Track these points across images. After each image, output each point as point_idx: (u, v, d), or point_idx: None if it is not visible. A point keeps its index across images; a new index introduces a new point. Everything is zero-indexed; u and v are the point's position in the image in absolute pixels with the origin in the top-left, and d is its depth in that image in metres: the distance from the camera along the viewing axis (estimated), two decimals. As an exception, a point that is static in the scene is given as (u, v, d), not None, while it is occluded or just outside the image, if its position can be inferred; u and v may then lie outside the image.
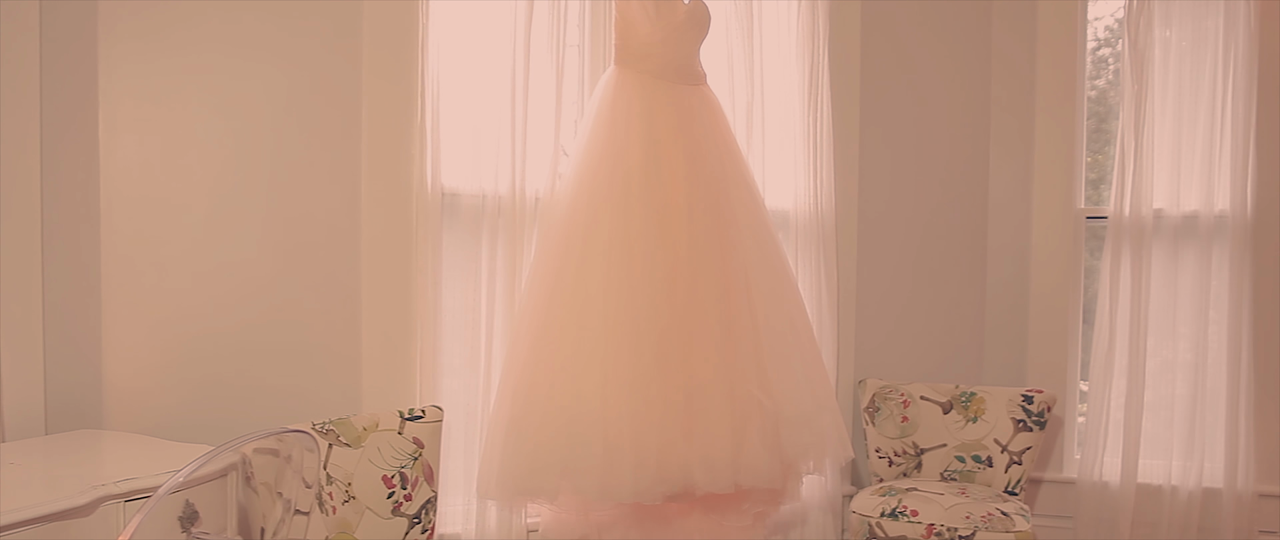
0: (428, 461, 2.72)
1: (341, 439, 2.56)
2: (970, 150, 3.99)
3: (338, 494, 2.54)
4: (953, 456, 3.57)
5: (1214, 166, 3.63)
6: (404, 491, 2.66)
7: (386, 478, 2.63)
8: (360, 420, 2.63)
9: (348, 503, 2.56)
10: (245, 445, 2.17)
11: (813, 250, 3.59)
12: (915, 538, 3.11)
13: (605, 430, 2.74)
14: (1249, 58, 3.56)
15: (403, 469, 2.66)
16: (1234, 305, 3.58)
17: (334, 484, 2.53)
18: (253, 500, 2.39)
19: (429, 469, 2.72)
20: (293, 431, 1.74)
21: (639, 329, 2.80)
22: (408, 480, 2.67)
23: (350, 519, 2.56)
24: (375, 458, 2.62)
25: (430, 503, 2.72)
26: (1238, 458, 3.58)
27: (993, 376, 3.96)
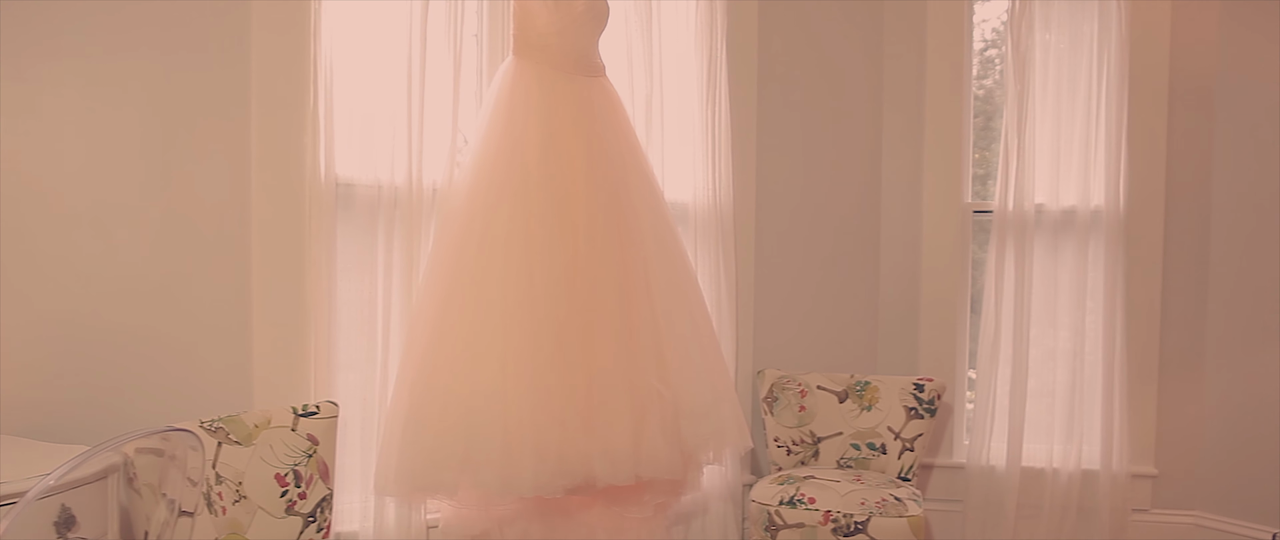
0: (323, 458, 2.65)
1: (232, 437, 2.48)
2: (863, 146, 4.09)
3: (228, 494, 2.45)
4: (848, 444, 3.66)
5: (1090, 164, 3.80)
6: (298, 489, 2.59)
7: (280, 476, 2.55)
8: (251, 417, 2.55)
9: (239, 502, 2.47)
10: (126, 445, 2.08)
11: (712, 243, 3.63)
12: (813, 525, 3.17)
13: (505, 423, 2.71)
14: (1120, 61, 3.75)
15: (297, 466, 2.59)
16: (1109, 295, 3.76)
17: (223, 483, 2.45)
18: (135, 502, 2.28)
19: (324, 466, 2.66)
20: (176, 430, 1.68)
21: (538, 321, 2.78)
22: (302, 478, 2.60)
23: (241, 519, 2.48)
24: (267, 455, 2.54)
25: (326, 500, 2.65)
26: (1113, 441, 3.76)
27: (886, 366, 4.07)
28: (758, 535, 3.26)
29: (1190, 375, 3.89)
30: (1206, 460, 3.88)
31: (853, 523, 3.14)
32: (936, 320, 4.02)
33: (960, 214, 4.01)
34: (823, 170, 4.03)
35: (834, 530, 3.15)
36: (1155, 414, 3.89)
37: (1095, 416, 3.82)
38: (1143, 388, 3.88)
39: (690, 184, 3.62)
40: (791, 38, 3.95)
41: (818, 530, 3.17)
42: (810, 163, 4.00)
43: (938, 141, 4.02)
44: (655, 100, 3.47)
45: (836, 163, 4.05)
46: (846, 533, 3.14)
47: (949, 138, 4.01)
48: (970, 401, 4.00)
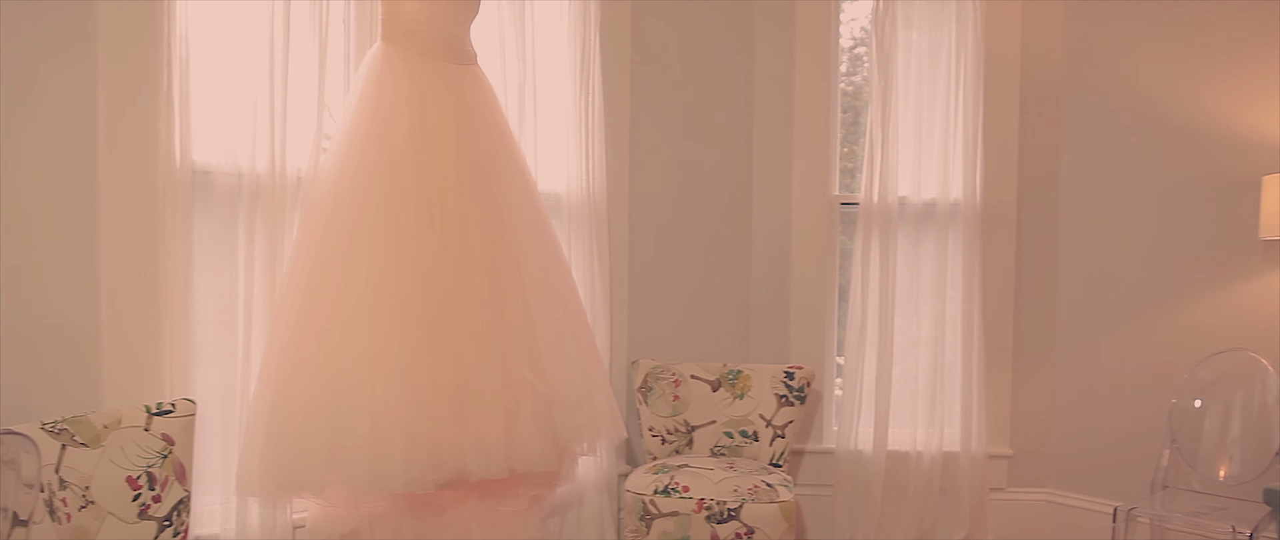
0: (179, 459, 2.53)
1: (77, 439, 2.34)
2: (736, 140, 4.16)
3: (73, 499, 2.32)
4: (722, 432, 3.72)
5: (949, 159, 3.96)
6: (152, 492, 2.46)
7: (132, 479, 2.42)
8: (100, 417, 2.41)
9: (86, 508, 2.34)
10: (-45, 450, 1.94)
11: (585, 233, 3.63)
12: (687, 513, 3.21)
13: (373, 418, 2.65)
14: (976, 61, 3.92)
15: (150, 468, 2.47)
16: (967, 285, 3.93)
17: (68, 489, 2.31)
18: (-34, 510, 2.14)
19: (181, 467, 2.54)
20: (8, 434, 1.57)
21: (407, 313, 2.73)
22: (156, 480, 2.47)
23: (88, 526, 2.34)
24: (118, 457, 2.40)
25: (183, 503, 2.54)
26: (972, 424, 3.94)
27: (758, 354, 4.16)
28: (633, 525, 3.28)
29: (1041, 360, 4.11)
30: (1057, 440, 4.10)
31: (726, 510, 3.19)
32: (806, 309, 4.12)
33: (828, 206, 4.12)
34: (696, 162, 4.08)
35: (708, 518, 3.20)
36: (1010, 397, 4.09)
37: (955, 401, 3.99)
38: (999, 373, 4.07)
39: (563, 174, 3.61)
40: (665, 30, 3.98)
41: (692, 518, 3.21)
42: (684, 155, 4.04)
43: (807, 136, 4.12)
44: (528, 89, 3.44)
45: (709, 155, 4.10)
46: (720, 520, 3.19)
47: (817, 132, 4.11)
48: (839, 388, 4.12)
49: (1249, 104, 3.54)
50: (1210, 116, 3.64)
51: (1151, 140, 3.80)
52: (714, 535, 3.20)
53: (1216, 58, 3.63)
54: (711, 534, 3.20)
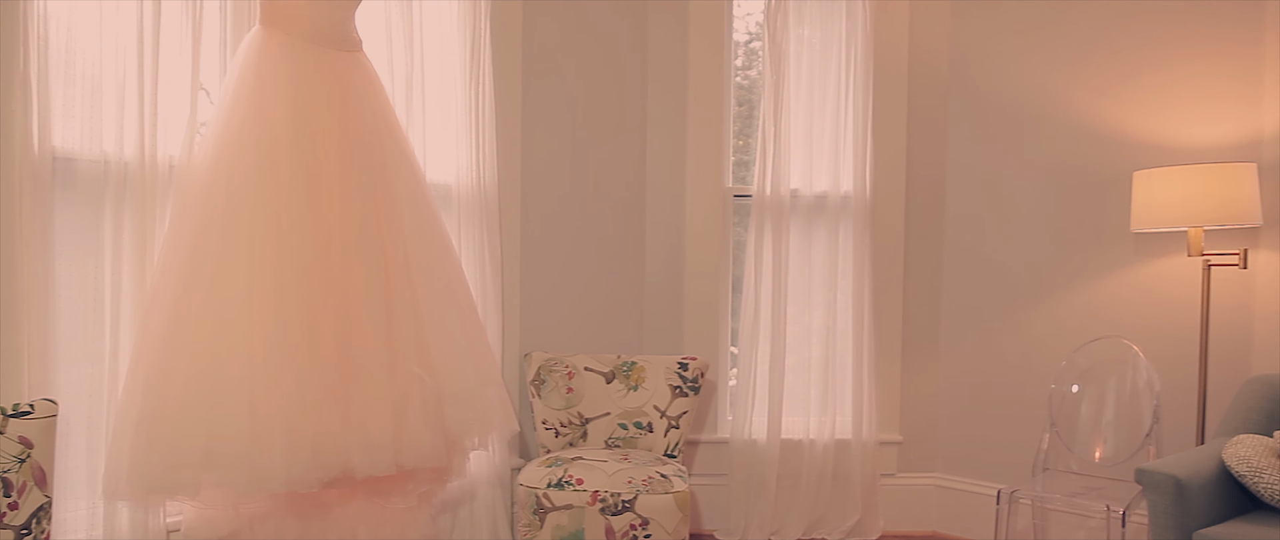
0: (38, 463, 2.38)
1: (-78, 443, 2.18)
2: (629, 131, 4.14)
3: (-83, 508, 2.16)
4: (616, 424, 3.70)
5: (840, 152, 4.02)
6: (8, 499, 2.32)
7: (-15, 484, 2.27)
8: (-53, 420, 2.25)
9: (-68, 517, 2.19)
10: None
11: (476, 225, 3.57)
12: (581, 506, 3.18)
13: (253, 416, 2.54)
14: (866, 58, 3.99)
15: (5, 474, 2.32)
16: (857, 276, 4.00)
17: (-88, 496, 2.15)
18: None
19: (40, 471, 2.39)
20: None
21: (288, 307, 2.62)
22: (13, 486, 2.33)
23: (-65, 536, 2.19)
24: (-32, 462, 2.25)
25: (43, 510, 2.39)
26: (863, 412, 4.01)
27: (652, 346, 4.15)
28: (526, 520, 3.24)
29: (929, 349, 4.21)
30: (944, 427, 4.21)
31: (620, 501, 3.18)
32: (700, 301, 4.13)
33: (722, 198, 4.14)
34: (589, 154, 4.05)
35: (602, 510, 3.18)
36: (899, 385, 4.18)
37: (847, 389, 4.05)
38: (889, 361, 4.16)
39: (453, 165, 3.54)
40: (557, 20, 3.93)
41: (586, 511, 3.18)
42: (577, 146, 4.01)
43: (701, 128, 4.12)
44: (416, 78, 3.36)
45: (603, 147, 4.08)
46: (614, 512, 3.18)
47: (711, 125, 4.12)
48: (733, 378, 4.14)
49: (1120, 103, 3.68)
50: (1086, 115, 3.78)
51: (1032, 136, 3.93)
52: (608, 527, 3.18)
53: (1092, 59, 3.76)
54: (606, 526, 3.18)
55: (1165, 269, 3.56)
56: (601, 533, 3.18)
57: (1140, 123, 3.63)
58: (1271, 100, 3.33)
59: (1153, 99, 3.60)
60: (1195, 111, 3.50)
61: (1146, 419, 3.45)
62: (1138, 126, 3.64)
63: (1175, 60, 3.55)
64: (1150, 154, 3.61)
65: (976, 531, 4.08)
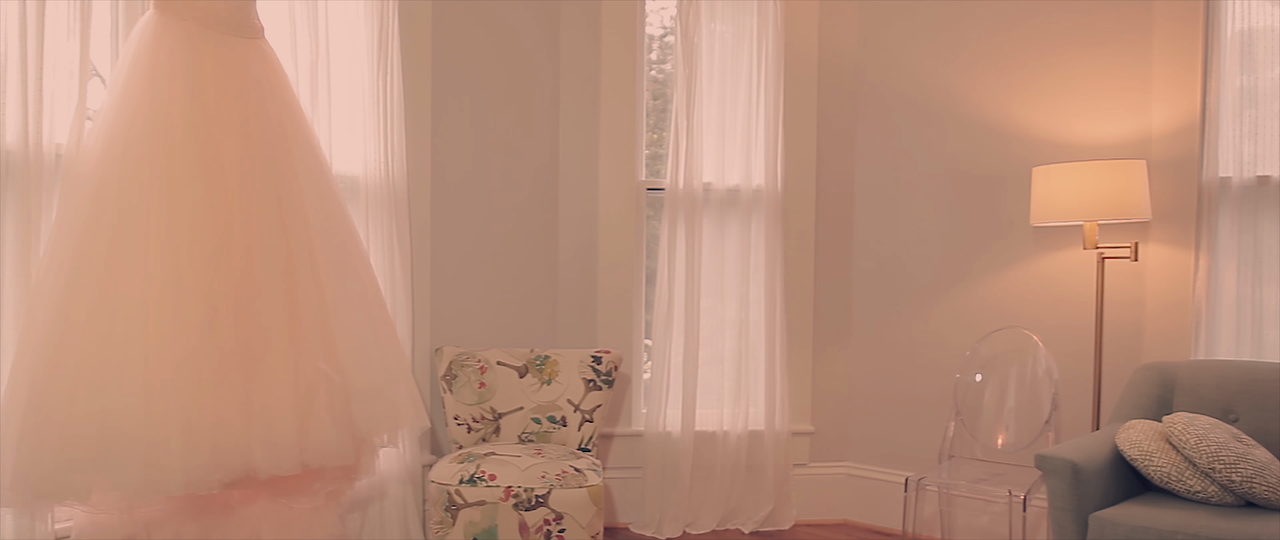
0: (-88, 468, 2.25)
1: None
2: (541, 125, 4.11)
3: None
4: (529, 419, 3.67)
5: (751, 147, 4.05)
6: (-121, 507, 2.19)
7: None
8: None
9: None
10: None
11: (385, 217, 3.50)
12: (494, 501, 3.15)
13: (148, 416, 2.44)
14: (777, 53, 4.03)
15: (-124, 479, 2.18)
16: (769, 269, 4.04)
17: None
18: None
19: (-86, 477, 2.26)
20: None
21: (185, 303, 2.53)
22: (-116, 492, 2.20)
23: None
24: None
25: (-83, 517, 2.26)
26: (776, 403, 4.05)
27: (566, 339, 4.13)
28: (438, 517, 3.19)
29: (839, 341, 4.28)
30: (854, 417, 4.28)
31: (534, 496, 3.15)
32: (614, 294, 4.12)
33: (635, 192, 4.14)
34: (501, 146, 4.00)
35: (515, 505, 3.15)
36: (811, 377, 4.24)
37: (760, 381, 4.09)
38: (800, 353, 4.21)
39: (361, 157, 3.46)
40: (468, 10, 3.87)
41: (499, 507, 3.15)
42: (488, 138, 3.96)
43: (614, 121, 4.11)
44: (321, 67, 3.28)
45: (514, 139, 4.03)
46: (527, 507, 3.15)
47: (624, 118, 4.11)
48: (647, 371, 4.15)
49: (1020, 102, 3.79)
50: (987, 113, 3.88)
51: (937, 134, 4.02)
52: (522, 523, 3.15)
53: (993, 59, 3.87)
54: (519, 522, 3.15)
55: (1063, 261, 3.68)
56: (515, 528, 3.15)
57: (1038, 121, 3.75)
58: (1159, 101, 3.47)
59: (1050, 98, 3.72)
60: (1090, 110, 3.62)
61: (1046, 406, 3.56)
62: (1036, 124, 3.75)
63: (1071, 61, 3.67)
64: (1048, 151, 3.72)
65: (886, 519, 4.16)
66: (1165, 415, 3.03)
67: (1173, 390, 3.17)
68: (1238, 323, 3.31)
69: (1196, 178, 3.40)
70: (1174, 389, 3.17)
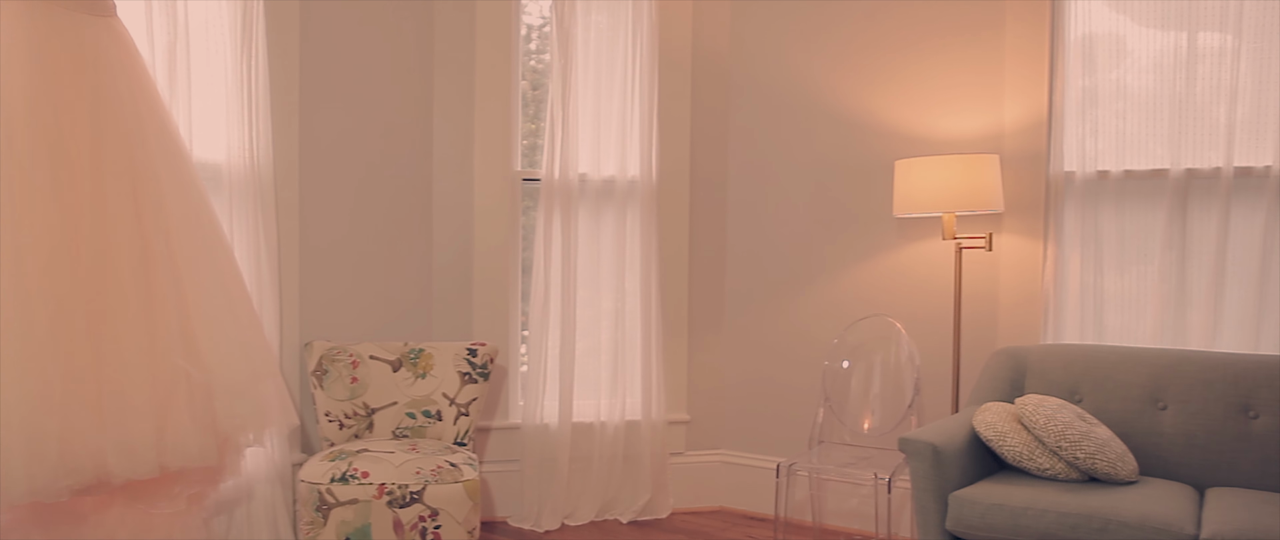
0: None
1: None
2: (414, 113, 4.03)
3: None
4: (404, 413, 3.61)
5: (627, 137, 4.08)
6: None
7: None
8: None
9: None
10: None
11: (250, 207, 3.37)
12: (367, 499, 3.08)
13: (-12, 420, 2.29)
14: (651, 47, 4.06)
15: None
16: (645, 260, 4.07)
17: None
18: None
19: None
20: None
21: (29, 300, 2.38)
22: None
23: None
24: None
25: None
26: (652, 393, 4.09)
27: (442, 332, 4.07)
28: (308, 517, 3.10)
29: (714, 330, 4.35)
30: (729, 405, 4.37)
31: (408, 493, 3.10)
32: (490, 286, 4.09)
33: (511, 182, 4.11)
34: (373, 133, 3.91)
35: (389, 503, 3.09)
36: (687, 366, 4.30)
37: (637, 372, 4.13)
38: (676, 343, 4.27)
39: (223, 143, 3.32)
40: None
41: (372, 505, 3.08)
42: (359, 125, 3.86)
43: (489, 111, 4.07)
44: (180, 48, 3.13)
45: (387, 126, 3.95)
46: (402, 504, 3.10)
47: (499, 107, 4.07)
48: (524, 363, 4.13)
49: (883, 97, 3.94)
50: (853, 108, 4.01)
51: (806, 127, 4.13)
52: (396, 520, 3.10)
53: (858, 56, 4.00)
54: (393, 520, 3.10)
55: (924, 252, 3.84)
56: (389, 526, 3.09)
57: (901, 116, 3.90)
58: (1011, 99, 3.65)
59: (912, 94, 3.87)
60: (948, 106, 3.79)
61: (909, 391, 3.71)
62: (899, 119, 3.90)
63: (931, 59, 3.83)
64: (910, 145, 3.88)
65: (760, 504, 4.26)
66: (1018, 397, 3.20)
67: (1024, 374, 3.35)
68: (1082, 308, 3.52)
69: (1044, 172, 3.59)
70: (1026, 372, 3.35)
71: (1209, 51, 3.31)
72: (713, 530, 3.99)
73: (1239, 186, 3.28)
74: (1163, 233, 3.37)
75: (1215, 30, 3.30)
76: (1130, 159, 3.47)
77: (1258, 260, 3.22)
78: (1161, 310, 3.38)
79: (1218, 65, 3.30)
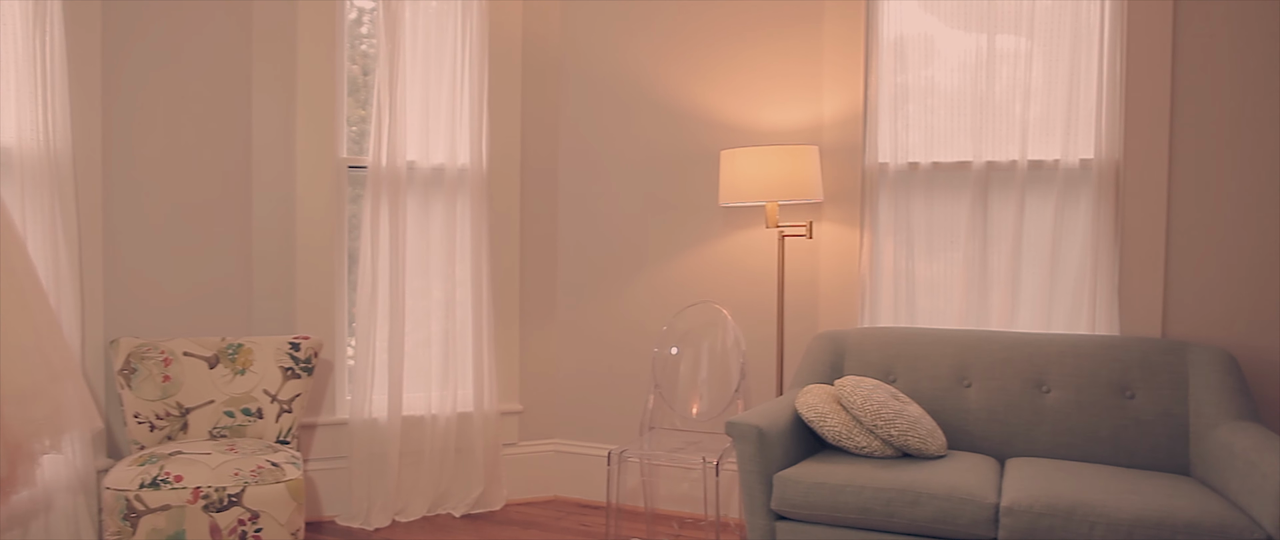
0: None
1: None
2: (231, 95, 3.82)
3: None
4: (221, 412, 3.44)
5: (457, 125, 4.01)
6: None
7: None
8: None
9: None
10: None
11: (45, 195, 3.12)
12: (180, 505, 2.92)
13: None
14: (481, 33, 4.01)
15: None
16: (475, 249, 4.02)
17: None
18: None
19: None
20: None
21: None
22: None
23: None
24: None
25: None
26: (484, 384, 4.05)
27: (263, 326, 3.89)
28: (115, 527, 2.91)
29: (546, 319, 4.35)
30: (562, 394, 4.38)
31: (226, 496, 2.96)
32: (314, 276, 3.94)
33: (336, 169, 3.97)
34: (186, 116, 3.69)
35: (206, 507, 2.94)
36: (519, 356, 4.28)
37: (468, 362, 4.08)
38: (508, 332, 4.24)
39: (13, 125, 3.06)
40: (143, -31, 3.53)
41: (186, 510, 2.93)
42: (170, 107, 3.63)
43: (312, 96, 3.91)
44: (-42, 24, 2.87)
45: (201, 109, 3.73)
46: (219, 508, 2.95)
47: (323, 92, 3.92)
48: (351, 357, 4.01)
49: (709, 88, 4.03)
50: (680, 98, 4.09)
51: (634, 117, 4.18)
52: (213, 526, 2.95)
53: (685, 47, 4.07)
54: (210, 525, 2.95)
55: (749, 239, 3.96)
56: (205, 532, 2.95)
57: (727, 106, 4.00)
58: (830, 93, 3.81)
59: (737, 86, 3.98)
60: (771, 98, 3.92)
61: (736, 375, 3.82)
62: (725, 110, 4.00)
63: (755, 52, 3.94)
64: (735, 135, 3.99)
65: (594, 492, 4.30)
66: (837, 379, 3.35)
67: (844, 356, 3.51)
68: (896, 293, 3.72)
69: (860, 163, 3.77)
70: (845, 355, 3.51)
71: (1007, 53, 3.55)
72: (546, 520, 4.00)
73: (1032, 177, 3.54)
74: (967, 221, 3.60)
75: (1012, 33, 3.54)
76: (938, 151, 3.68)
77: (1049, 246, 3.49)
78: (967, 293, 3.61)
79: (1015, 66, 3.54)
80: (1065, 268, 3.50)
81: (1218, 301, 3.31)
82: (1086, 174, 3.45)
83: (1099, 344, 3.22)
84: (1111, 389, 3.14)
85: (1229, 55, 3.28)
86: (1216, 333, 3.32)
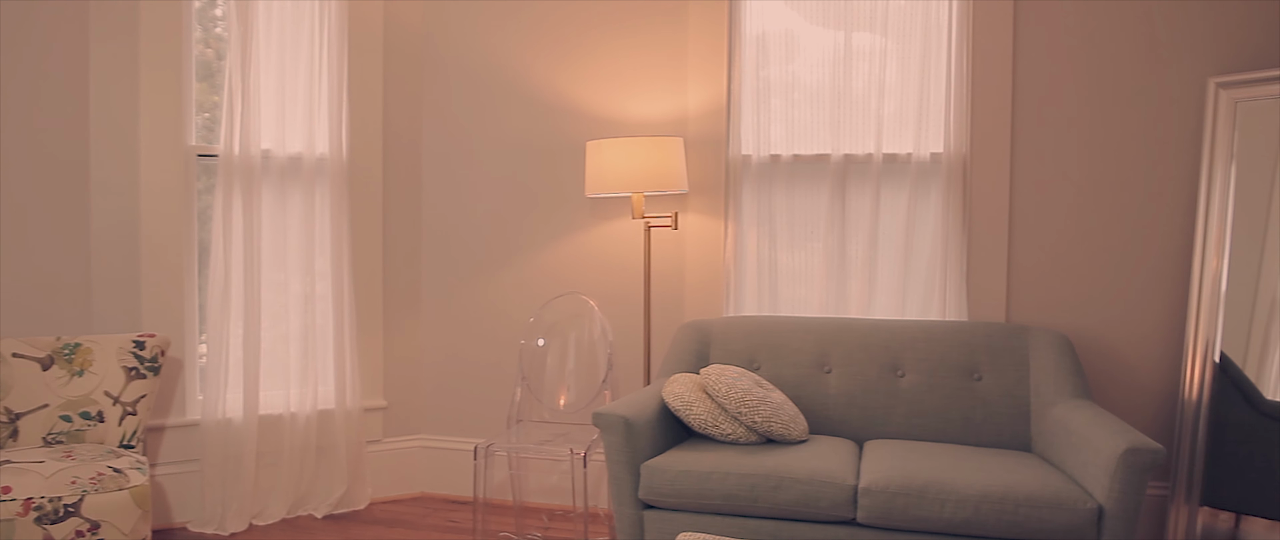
0: None
1: None
2: (66, 77, 3.58)
3: None
4: (57, 417, 3.22)
5: (314, 112, 3.87)
6: None
7: None
8: None
9: None
10: None
11: None
12: (10, 518, 2.73)
13: None
14: (340, 19, 3.88)
15: None
16: (336, 241, 3.90)
17: None
18: None
19: None
20: None
21: None
22: None
23: None
24: None
25: None
26: (346, 380, 3.93)
27: (104, 324, 3.67)
28: (-65, 541, 2.70)
29: (411, 313, 4.26)
30: (427, 389, 4.30)
31: (62, 507, 2.78)
32: (161, 271, 3.74)
33: (184, 158, 3.77)
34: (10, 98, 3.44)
35: (38, 519, 2.76)
36: (383, 351, 4.18)
37: (330, 358, 3.95)
38: (371, 327, 4.13)
39: None
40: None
41: (17, 523, 2.73)
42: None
43: (157, 81, 3.70)
44: None
45: (29, 91, 3.49)
46: (54, 519, 2.77)
47: (169, 76, 3.72)
48: (203, 355, 3.83)
49: (576, 80, 4.01)
50: (547, 89, 4.06)
51: (500, 108, 4.12)
52: (47, 538, 2.77)
53: (551, 39, 4.05)
54: (44, 537, 2.76)
55: (615, 230, 3.97)
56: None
57: (592, 98, 3.99)
58: (694, 86, 3.85)
59: (603, 77, 3.98)
60: (637, 90, 3.93)
61: (603, 366, 3.83)
62: (590, 101, 3.99)
63: (621, 44, 3.95)
64: (601, 126, 3.98)
65: (461, 488, 4.24)
66: (703, 368, 3.39)
67: (709, 345, 3.56)
68: (759, 282, 3.79)
69: (724, 155, 3.83)
70: (710, 344, 3.56)
71: (864, 50, 3.67)
72: (413, 518, 3.92)
73: (887, 170, 3.66)
74: (826, 212, 3.70)
75: (868, 31, 3.65)
76: (799, 144, 3.77)
77: (903, 236, 3.62)
78: (827, 282, 3.71)
79: (871, 63, 3.65)
80: (918, 256, 3.64)
81: (1054, 287, 3.52)
82: (937, 167, 3.60)
83: (949, 329, 3.36)
84: (961, 372, 3.29)
85: (1065, 54, 3.47)
86: (1054, 316, 3.52)
